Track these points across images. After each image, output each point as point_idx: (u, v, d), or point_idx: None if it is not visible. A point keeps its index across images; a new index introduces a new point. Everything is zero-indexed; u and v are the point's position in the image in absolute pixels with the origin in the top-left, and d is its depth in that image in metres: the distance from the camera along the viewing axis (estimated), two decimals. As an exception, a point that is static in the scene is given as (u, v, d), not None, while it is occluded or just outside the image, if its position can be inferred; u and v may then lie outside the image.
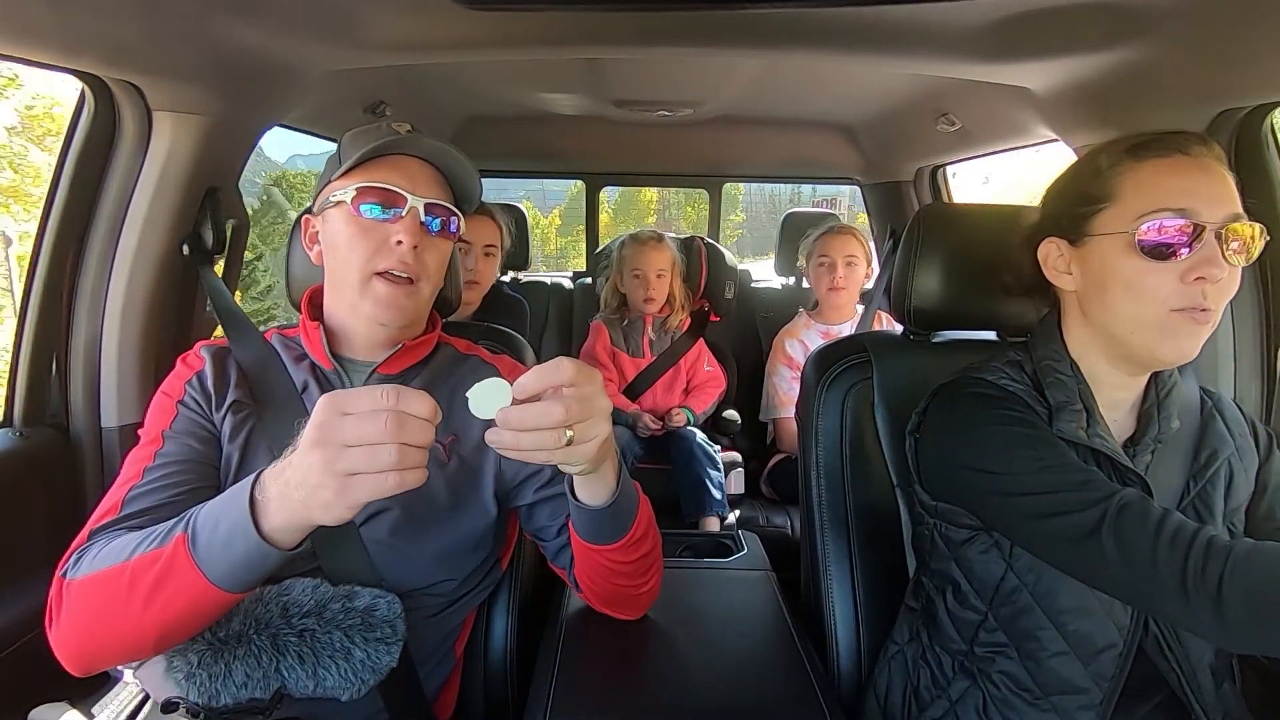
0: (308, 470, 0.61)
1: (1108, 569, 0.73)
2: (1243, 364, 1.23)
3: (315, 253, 0.94)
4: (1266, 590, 0.65)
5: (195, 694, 0.75)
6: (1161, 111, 1.17)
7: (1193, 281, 0.75)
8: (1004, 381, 0.88)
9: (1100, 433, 0.84)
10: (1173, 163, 0.78)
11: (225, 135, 1.27)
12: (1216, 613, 0.66)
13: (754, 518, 2.05)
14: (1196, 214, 0.75)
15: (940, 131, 2.01)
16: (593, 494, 0.80)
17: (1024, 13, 1.06)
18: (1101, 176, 0.82)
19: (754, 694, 0.88)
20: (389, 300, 0.87)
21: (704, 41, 1.29)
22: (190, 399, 0.89)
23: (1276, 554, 0.67)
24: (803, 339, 2.22)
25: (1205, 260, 0.75)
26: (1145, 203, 0.77)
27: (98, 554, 0.74)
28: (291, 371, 0.93)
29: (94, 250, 1.21)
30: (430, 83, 1.98)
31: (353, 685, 0.78)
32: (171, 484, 0.82)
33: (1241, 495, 0.87)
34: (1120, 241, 0.79)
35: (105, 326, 1.23)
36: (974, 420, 0.85)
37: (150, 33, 1.01)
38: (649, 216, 24.20)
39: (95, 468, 1.24)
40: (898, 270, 1.11)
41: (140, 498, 0.81)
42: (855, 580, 1.08)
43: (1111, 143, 0.83)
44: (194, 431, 0.87)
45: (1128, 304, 0.79)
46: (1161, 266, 0.76)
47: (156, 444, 0.86)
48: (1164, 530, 0.70)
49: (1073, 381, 0.86)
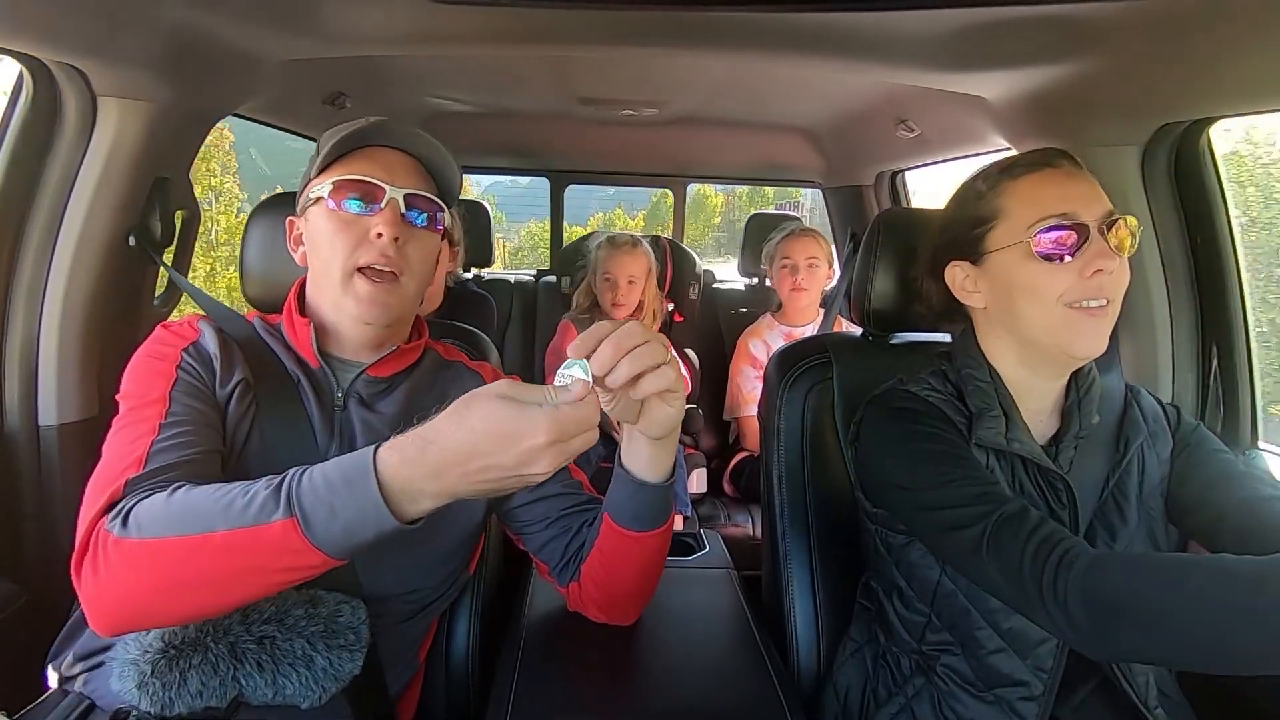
0: (519, 462, 0.62)
1: (990, 580, 0.77)
2: (1180, 363, 1.29)
3: (300, 254, 0.91)
4: (1108, 600, 0.68)
5: (147, 703, 0.72)
6: (1106, 123, 1.22)
7: (1091, 275, 0.81)
8: (926, 393, 0.92)
9: (1019, 436, 0.88)
10: (1044, 175, 0.85)
11: (175, 124, 1.22)
12: (1068, 622, 0.70)
13: (716, 516, 2.07)
14: (1077, 216, 0.82)
15: (900, 137, 2.06)
16: (656, 466, 0.81)
17: (980, 24, 1.09)
18: (984, 198, 0.89)
19: (714, 692, 0.88)
20: (371, 298, 0.84)
21: (669, 42, 1.30)
22: (189, 366, 0.83)
23: (1120, 564, 0.72)
24: (766, 340, 2.25)
25: (1097, 254, 0.81)
26: (1031, 213, 0.84)
27: (157, 516, 0.68)
28: (284, 360, 0.89)
29: (32, 241, 1.15)
30: (393, 75, 1.94)
31: (314, 693, 0.76)
32: (192, 442, 0.77)
33: (1154, 479, 0.91)
34: (1017, 252, 0.84)
35: (44, 320, 1.17)
36: (893, 435, 0.90)
37: (96, 14, 0.96)
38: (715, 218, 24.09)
39: (32, 468, 1.18)
40: (857, 273, 1.13)
41: (163, 453, 0.75)
42: (815, 578, 1.10)
43: (984, 169, 0.91)
44: (200, 396, 0.82)
45: (1034, 307, 0.84)
46: (1059, 267, 0.82)
47: (163, 404, 0.79)
48: (1031, 542, 0.74)
49: (990, 387, 0.90)
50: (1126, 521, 0.89)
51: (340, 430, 0.87)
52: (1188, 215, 1.26)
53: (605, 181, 3.45)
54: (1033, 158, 0.87)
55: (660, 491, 0.83)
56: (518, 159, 3.12)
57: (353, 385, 0.90)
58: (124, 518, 0.68)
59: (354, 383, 0.90)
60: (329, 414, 0.88)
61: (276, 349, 0.90)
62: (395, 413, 0.90)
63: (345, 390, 0.89)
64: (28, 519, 1.16)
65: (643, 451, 0.81)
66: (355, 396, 0.90)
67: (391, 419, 0.89)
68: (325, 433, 0.86)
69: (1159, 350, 1.29)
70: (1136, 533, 0.89)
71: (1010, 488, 0.87)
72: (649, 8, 1.10)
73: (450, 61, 1.83)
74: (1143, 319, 1.28)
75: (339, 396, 0.89)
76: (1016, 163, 0.88)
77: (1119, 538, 0.89)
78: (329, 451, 0.85)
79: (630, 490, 0.83)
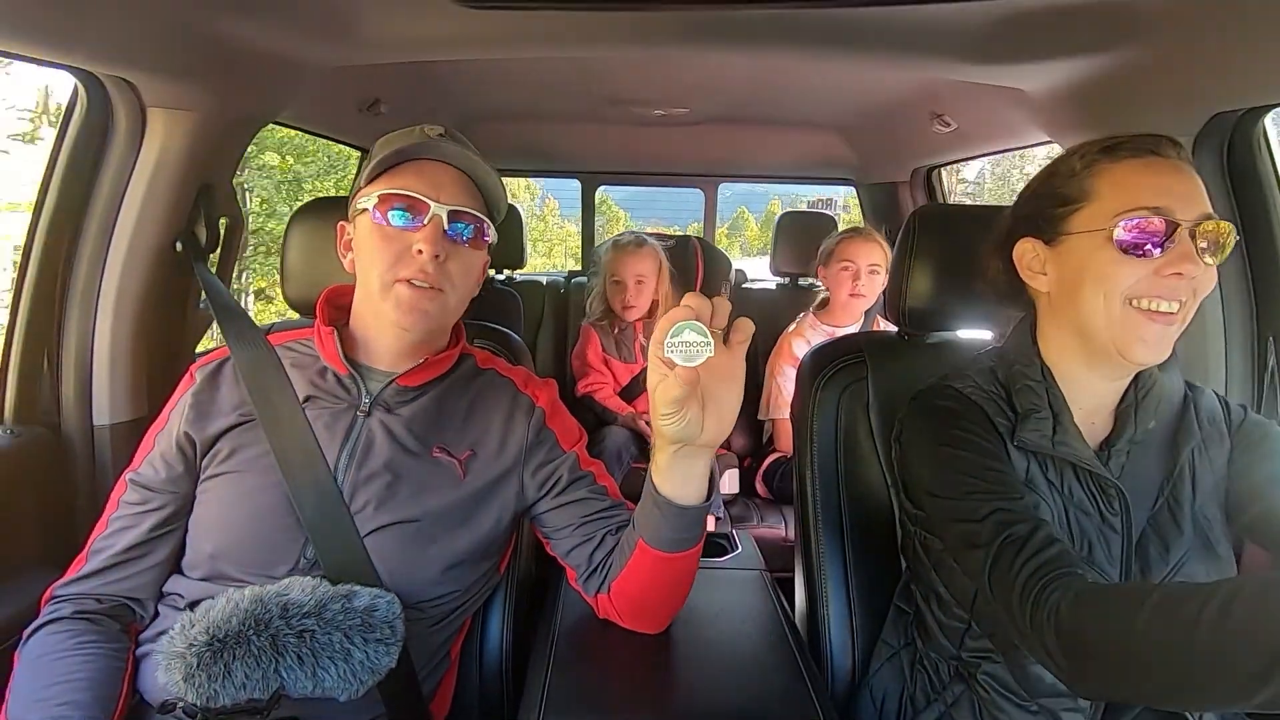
0: None
1: (993, 606, 0.76)
2: (1234, 361, 1.24)
3: (350, 260, 0.93)
4: (1079, 639, 0.66)
5: (194, 695, 0.75)
6: (1155, 114, 1.17)
7: (1168, 276, 0.76)
8: (969, 390, 0.88)
9: (1068, 439, 0.84)
10: (1146, 163, 0.79)
11: (220, 132, 1.26)
12: (1051, 660, 0.68)
13: (748, 517, 2.05)
14: (1171, 212, 0.76)
15: (935, 132, 2.02)
16: (691, 486, 0.82)
17: (1021, 14, 1.06)
18: (1077, 177, 0.83)
19: (747, 694, 0.87)
20: (410, 304, 0.86)
21: (700, 41, 1.29)
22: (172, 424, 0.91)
23: (1099, 599, 0.67)
24: (809, 339, 2.20)
25: (1181, 256, 0.76)
26: (1122, 201, 0.78)
27: (21, 662, 0.82)
28: (294, 380, 0.91)
29: (87, 247, 1.20)
30: (426, 81, 1.98)
31: (351, 686, 0.78)
32: (130, 527, 0.88)
33: (1206, 486, 0.86)
34: (1098, 238, 0.79)
35: (98, 324, 1.22)
36: (929, 436, 0.87)
37: (145, 29, 1.00)
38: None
39: (87, 466, 1.23)
40: (892, 271, 1.12)
41: (98, 554, 0.88)
42: (850, 580, 1.09)
43: (1085, 145, 0.84)
44: (174, 454, 0.89)
45: (1097, 299, 0.80)
46: (1138, 263, 0.78)
47: (122, 488, 0.90)
48: (1024, 570, 0.72)
49: (1041, 387, 0.86)
50: (1182, 531, 0.84)
51: (355, 436, 0.89)
52: (1241, 208, 1.21)
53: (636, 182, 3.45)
54: (1140, 143, 0.80)
55: (697, 513, 0.83)
56: (549, 161, 3.14)
57: (380, 394, 0.91)
58: (31, 635, 0.84)
59: (382, 392, 0.91)
60: (347, 421, 0.90)
61: (292, 367, 0.93)
62: (418, 415, 0.92)
63: (373, 399, 0.91)
64: (82, 513, 1.20)
65: (679, 473, 0.80)
66: (382, 405, 0.91)
67: (412, 421, 0.91)
68: (335, 441, 0.89)
69: (1210, 346, 1.24)
70: (1192, 543, 0.85)
71: (1058, 493, 0.84)
72: (680, 8, 1.10)
73: (482, 66, 1.85)
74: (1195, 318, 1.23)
75: (365, 403, 0.90)
76: (1120, 144, 0.81)
77: (1174, 547, 0.84)
78: (338, 459, 0.88)
79: (668, 516, 0.83)
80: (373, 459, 0.88)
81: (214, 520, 0.87)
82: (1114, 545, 0.83)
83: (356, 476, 0.87)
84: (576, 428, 1.00)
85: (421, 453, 0.90)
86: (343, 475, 0.87)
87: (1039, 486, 0.84)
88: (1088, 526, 0.83)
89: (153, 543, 0.88)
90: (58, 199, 1.16)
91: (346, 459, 0.88)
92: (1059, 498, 0.84)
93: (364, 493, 0.86)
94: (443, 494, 0.89)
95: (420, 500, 0.88)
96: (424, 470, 0.89)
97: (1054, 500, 0.84)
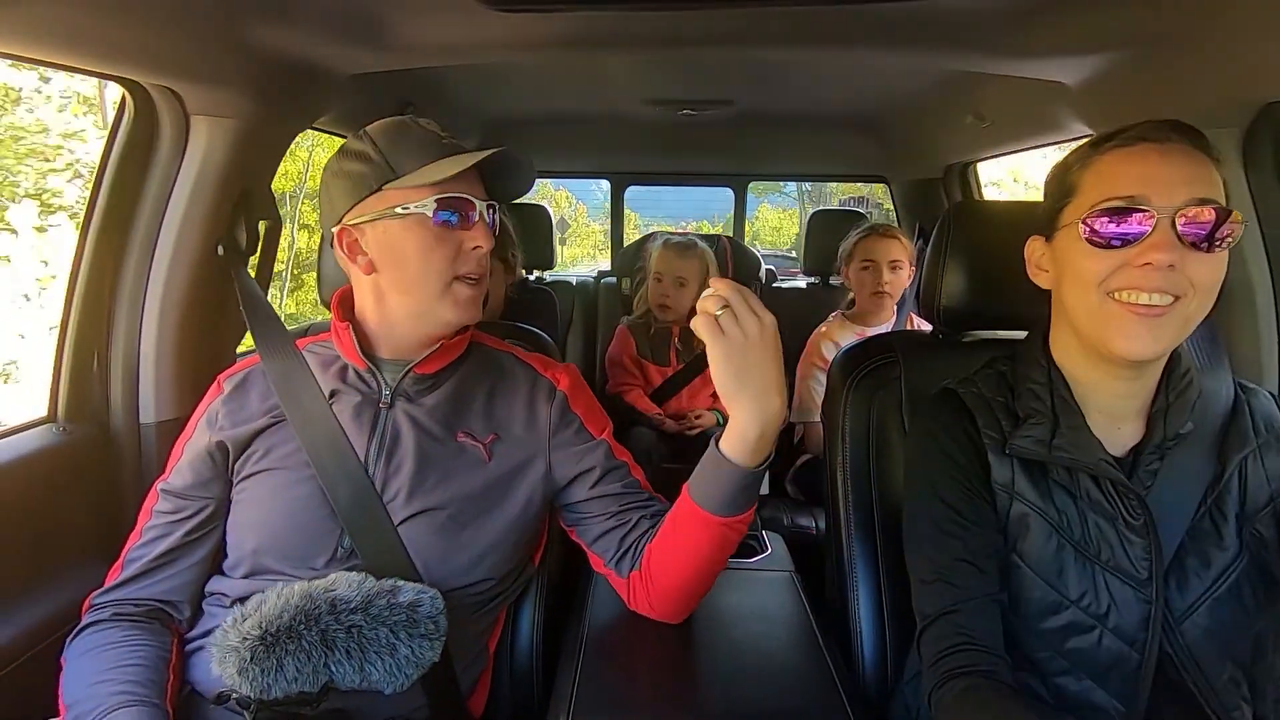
0: None
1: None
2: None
3: (363, 263, 0.91)
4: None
5: (247, 687, 0.77)
6: (1203, 104, 1.13)
7: (1140, 266, 0.73)
8: (967, 396, 0.88)
9: (1068, 444, 0.81)
10: (1129, 152, 0.77)
11: (259, 138, 1.29)
12: None
13: (778, 518, 2.03)
14: (1146, 200, 0.73)
15: (970, 127, 1.98)
16: (760, 446, 0.84)
17: (1060, 4, 1.04)
18: (1070, 171, 0.82)
19: (777, 696, 0.87)
20: (471, 300, 0.92)
21: (730, 40, 1.29)
22: (203, 428, 0.94)
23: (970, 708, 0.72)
24: (839, 341, 2.17)
25: (1153, 245, 0.73)
26: (1099, 192, 0.77)
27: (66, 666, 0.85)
28: (320, 380, 0.94)
29: (134, 250, 1.24)
30: (457, 84, 2.00)
31: (397, 679, 0.80)
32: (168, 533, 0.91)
33: (1259, 498, 0.81)
34: (1074, 232, 0.78)
35: (144, 325, 1.27)
36: (919, 451, 0.90)
37: (188, 40, 1.03)
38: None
39: (134, 463, 1.28)
40: (927, 269, 1.10)
41: (133, 562, 0.91)
42: (881, 584, 1.07)
43: (1090, 138, 0.83)
44: (204, 460, 0.92)
45: (1075, 292, 0.79)
46: (1108, 254, 0.75)
47: (154, 499, 0.94)
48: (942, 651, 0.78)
49: (1045, 390, 0.84)
50: (1224, 547, 0.80)
51: (381, 428, 0.92)
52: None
53: (666, 182, 3.45)
54: (1136, 130, 0.77)
55: (752, 477, 0.85)
56: (578, 161, 3.16)
57: (400, 384, 0.94)
58: (73, 640, 0.87)
59: (401, 381, 0.94)
60: (372, 414, 0.92)
61: (316, 367, 0.95)
62: (441, 403, 0.94)
63: (393, 389, 0.93)
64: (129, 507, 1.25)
65: (751, 432, 0.82)
66: (403, 395, 0.94)
67: (435, 409, 0.93)
68: (363, 435, 0.91)
69: (1263, 345, 1.19)
70: (1237, 560, 0.79)
71: (1069, 496, 0.82)
72: (708, 6, 1.09)
73: (511, 68, 1.87)
74: (1245, 314, 1.18)
75: (386, 395, 0.93)
76: (1113, 134, 0.79)
77: (1215, 562, 0.79)
78: (367, 451, 0.90)
79: (726, 478, 0.85)
80: (400, 449, 0.90)
81: (254, 517, 0.90)
82: (1136, 549, 0.80)
83: (386, 468, 0.90)
84: (602, 414, 1.02)
85: (446, 439, 0.92)
86: (373, 467, 0.89)
87: (1027, 495, 0.83)
88: (1106, 530, 0.81)
89: (186, 548, 0.91)
90: (106, 205, 1.21)
91: (375, 451, 0.90)
92: (1070, 500, 0.82)
93: (395, 483, 0.89)
94: (470, 478, 0.91)
95: (448, 486, 0.90)
96: (450, 456, 0.91)
97: (1051, 507, 0.82)
